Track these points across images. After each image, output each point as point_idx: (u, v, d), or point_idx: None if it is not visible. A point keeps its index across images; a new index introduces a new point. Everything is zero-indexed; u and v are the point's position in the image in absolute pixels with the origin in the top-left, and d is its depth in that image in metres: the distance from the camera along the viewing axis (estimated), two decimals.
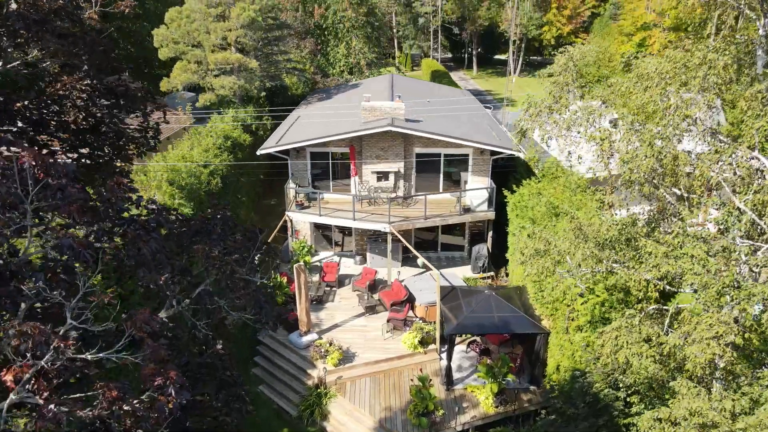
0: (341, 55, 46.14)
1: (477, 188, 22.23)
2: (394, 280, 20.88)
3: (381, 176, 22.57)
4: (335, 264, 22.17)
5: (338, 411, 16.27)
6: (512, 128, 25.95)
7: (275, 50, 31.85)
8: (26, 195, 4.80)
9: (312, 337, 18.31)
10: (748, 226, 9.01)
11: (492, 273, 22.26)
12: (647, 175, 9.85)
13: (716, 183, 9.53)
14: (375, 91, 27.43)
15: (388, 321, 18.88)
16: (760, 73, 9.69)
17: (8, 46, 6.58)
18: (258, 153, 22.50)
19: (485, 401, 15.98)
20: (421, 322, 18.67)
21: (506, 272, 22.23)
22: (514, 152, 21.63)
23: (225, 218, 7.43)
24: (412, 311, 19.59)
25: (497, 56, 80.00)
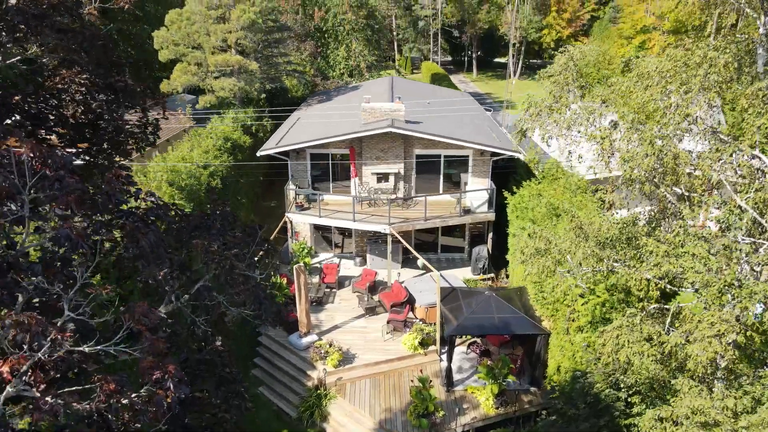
0: (341, 58, 46.18)
1: (477, 189, 22.21)
2: (394, 282, 20.84)
3: (381, 177, 22.55)
4: (335, 265, 22.12)
5: (338, 412, 16.21)
6: (512, 130, 25.92)
7: (275, 52, 31.89)
8: (24, 186, 4.77)
9: (312, 339, 18.25)
10: (750, 225, 8.99)
11: (492, 274, 22.22)
12: (648, 174, 9.82)
13: (717, 182, 9.51)
14: (375, 93, 27.44)
15: (388, 322, 18.83)
16: (761, 72, 9.68)
17: (7, 41, 6.57)
18: (258, 154, 22.50)
19: (485, 402, 15.92)
20: (422, 324, 18.61)
21: (506, 274, 22.19)
22: (514, 153, 21.62)
23: (224, 214, 7.41)
24: (412, 312, 19.54)
25: (497, 59, 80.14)
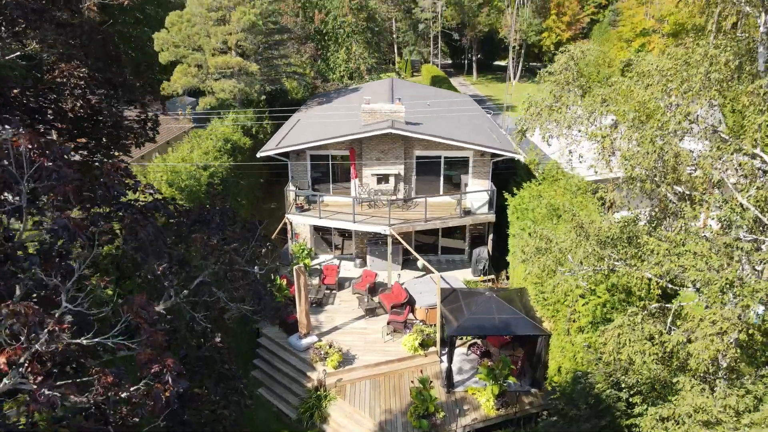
0: (341, 60, 46.24)
1: (477, 191, 22.18)
2: (395, 283, 20.79)
3: (381, 179, 22.52)
4: (335, 267, 22.08)
5: (338, 413, 16.15)
6: (512, 132, 25.91)
7: (275, 54, 31.92)
8: (22, 177, 4.74)
9: (312, 340, 18.19)
10: (751, 223, 8.96)
11: (492, 276, 22.18)
12: (648, 172, 9.80)
13: (718, 180, 9.48)
14: (375, 94, 27.42)
15: (389, 323, 18.77)
16: (762, 70, 9.66)
17: (6, 36, 6.55)
18: (258, 155, 22.49)
19: (486, 403, 15.86)
20: (422, 325, 18.56)
21: (507, 275, 22.15)
22: (515, 155, 21.60)
23: (224, 209, 7.38)
24: (413, 314, 19.48)
25: (497, 62, 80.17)
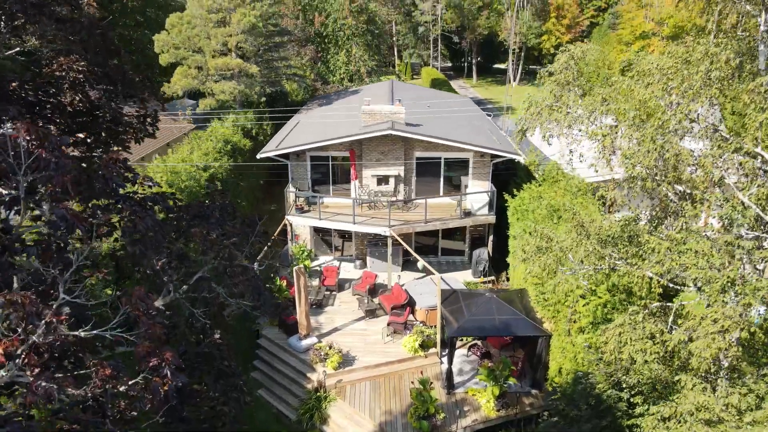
0: (341, 63, 46.30)
1: (477, 192, 22.15)
2: (395, 284, 20.74)
3: (381, 180, 22.50)
4: (335, 268, 22.05)
5: (338, 415, 16.08)
6: (512, 134, 25.92)
7: (275, 56, 31.94)
8: (19, 167, 4.71)
9: (312, 341, 18.14)
10: (752, 221, 8.93)
11: (493, 277, 22.14)
12: (649, 171, 9.77)
13: (719, 179, 9.46)
14: (375, 96, 27.44)
15: (389, 325, 18.72)
16: (762, 69, 9.65)
17: (5, 30, 6.53)
18: (258, 156, 22.47)
19: (486, 404, 15.80)
20: (422, 326, 18.51)
21: (507, 276, 22.11)
22: (515, 156, 21.59)
23: (224, 205, 7.35)
24: (413, 315, 19.43)
25: (497, 65, 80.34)
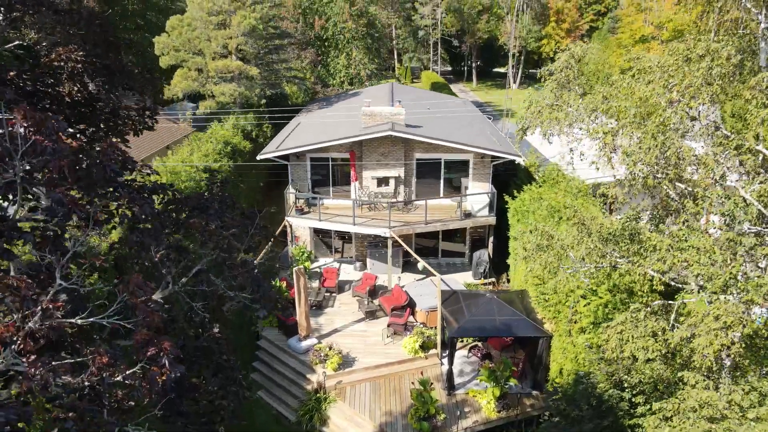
0: (341, 66, 46.35)
1: (478, 193, 22.12)
2: (395, 286, 20.68)
3: (381, 181, 22.47)
4: (335, 269, 22.00)
5: (338, 416, 16.00)
6: (512, 137, 25.93)
7: (276, 59, 31.97)
8: (16, 152, 4.67)
9: (311, 342, 18.07)
10: (754, 218, 8.89)
11: (493, 279, 22.09)
12: (650, 168, 9.75)
13: (721, 176, 9.42)
14: (375, 98, 27.44)
15: (389, 326, 18.65)
16: (764, 66, 9.64)
17: (4, 21, 6.50)
18: (258, 158, 22.45)
19: (487, 406, 15.72)
20: (422, 327, 18.44)
21: (507, 278, 22.05)
22: (515, 157, 21.58)
23: (223, 197, 7.30)
24: (413, 316, 19.37)
25: (497, 69, 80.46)
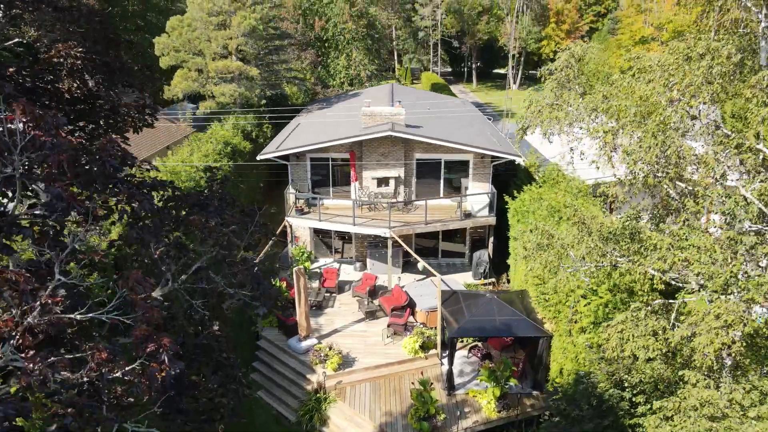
0: (342, 67, 46.37)
1: (478, 193, 22.11)
2: (395, 286, 20.66)
3: (381, 182, 22.46)
4: (335, 270, 21.98)
5: (338, 416, 15.97)
6: (512, 138, 25.93)
7: (276, 59, 31.98)
8: (14, 146, 4.65)
9: (311, 342, 18.05)
10: (755, 217, 8.87)
11: (493, 279, 22.07)
12: (651, 167, 9.73)
13: (721, 174, 9.41)
14: (375, 98, 27.44)
15: (389, 326, 18.63)
16: (764, 64, 9.62)
17: (3, 18, 6.49)
18: (258, 158, 22.44)
19: (487, 406, 15.69)
20: (422, 327, 18.42)
21: (507, 278, 22.04)
22: (515, 157, 21.57)
23: (223, 194, 7.30)
24: (413, 317, 19.35)
25: (497, 70, 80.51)
